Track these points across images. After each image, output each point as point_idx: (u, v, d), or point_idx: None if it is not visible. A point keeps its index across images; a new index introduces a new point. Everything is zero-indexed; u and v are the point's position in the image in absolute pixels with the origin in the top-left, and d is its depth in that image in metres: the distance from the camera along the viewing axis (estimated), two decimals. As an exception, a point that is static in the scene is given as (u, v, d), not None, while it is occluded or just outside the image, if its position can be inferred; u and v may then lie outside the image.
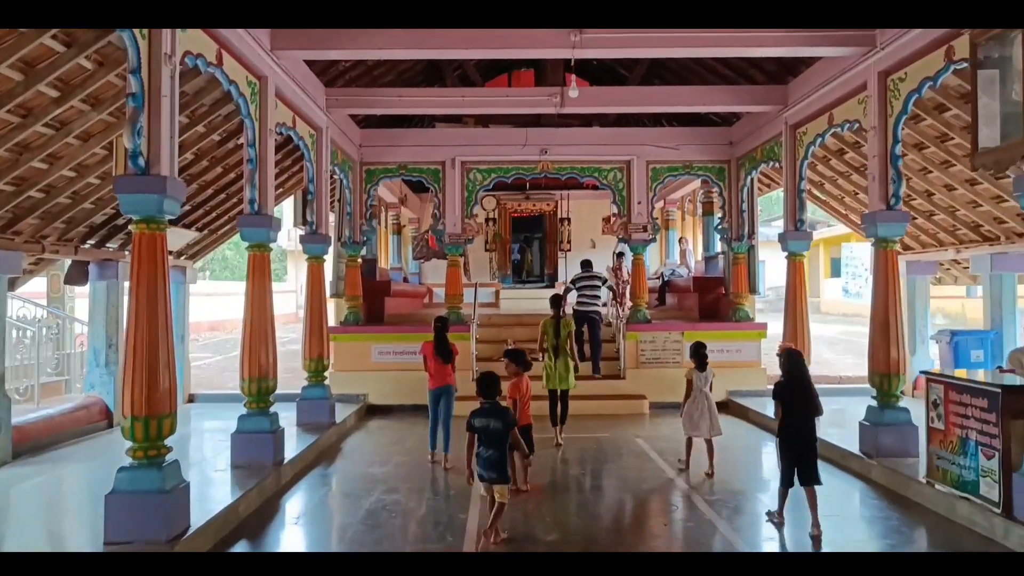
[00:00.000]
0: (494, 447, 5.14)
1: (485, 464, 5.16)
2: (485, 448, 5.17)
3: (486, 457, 5.16)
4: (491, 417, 5.22)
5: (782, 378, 5.71)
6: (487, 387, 5.46)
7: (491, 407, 5.31)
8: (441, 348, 7.92)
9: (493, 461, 5.13)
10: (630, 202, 11.86)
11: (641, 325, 11.74)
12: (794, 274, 9.64)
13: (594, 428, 10.02)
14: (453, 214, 11.79)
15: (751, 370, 11.70)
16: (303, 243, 9.39)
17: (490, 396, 5.40)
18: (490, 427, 5.18)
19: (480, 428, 5.23)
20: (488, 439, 5.17)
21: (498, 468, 5.14)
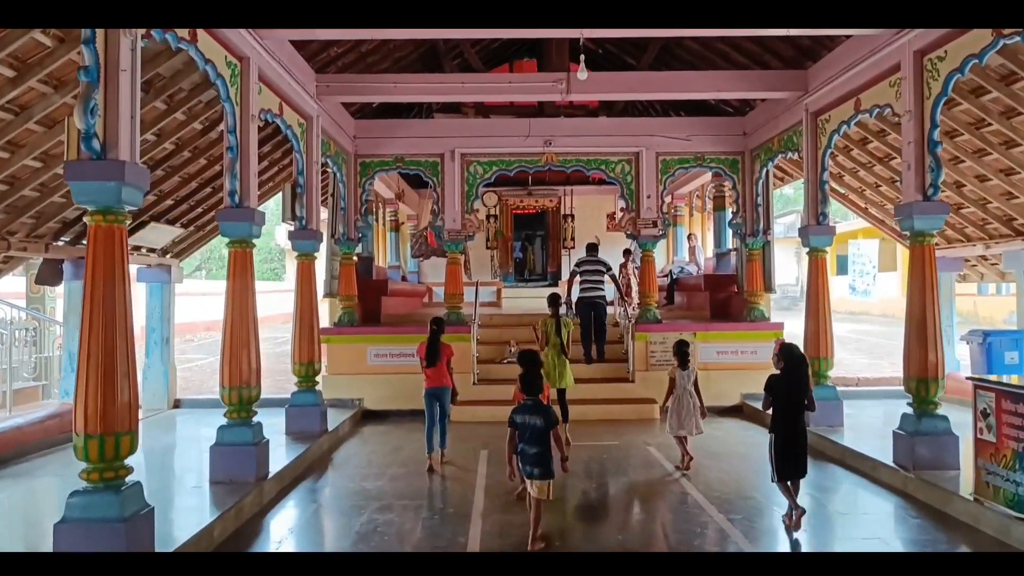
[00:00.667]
0: (537, 444, 5.15)
1: (530, 460, 5.16)
2: (528, 445, 5.18)
3: (531, 453, 5.15)
4: (533, 414, 5.21)
5: (779, 371, 5.73)
6: (530, 384, 5.50)
7: (533, 404, 5.32)
8: (429, 350, 7.88)
9: (537, 457, 5.14)
10: (639, 196, 11.25)
11: (651, 325, 11.15)
12: (816, 271, 9.03)
13: (601, 435, 9.44)
14: (452, 209, 11.19)
15: (767, 372, 11.04)
16: (292, 240, 8.79)
17: (533, 393, 5.43)
18: (532, 424, 5.16)
19: (521, 425, 5.22)
20: (530, 436, 5.16)
21: (542, 463, 5.13)
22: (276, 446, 7.99)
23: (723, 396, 10.99)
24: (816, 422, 8.75)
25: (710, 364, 11.05)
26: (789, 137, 9.76)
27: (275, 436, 8.49)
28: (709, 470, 7.57)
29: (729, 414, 10.80)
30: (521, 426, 5.21)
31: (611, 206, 19.12)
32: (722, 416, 10.72)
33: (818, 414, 8.66)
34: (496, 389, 10.81)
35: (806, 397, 5.60)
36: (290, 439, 8.46)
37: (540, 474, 5.10)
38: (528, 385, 5.52)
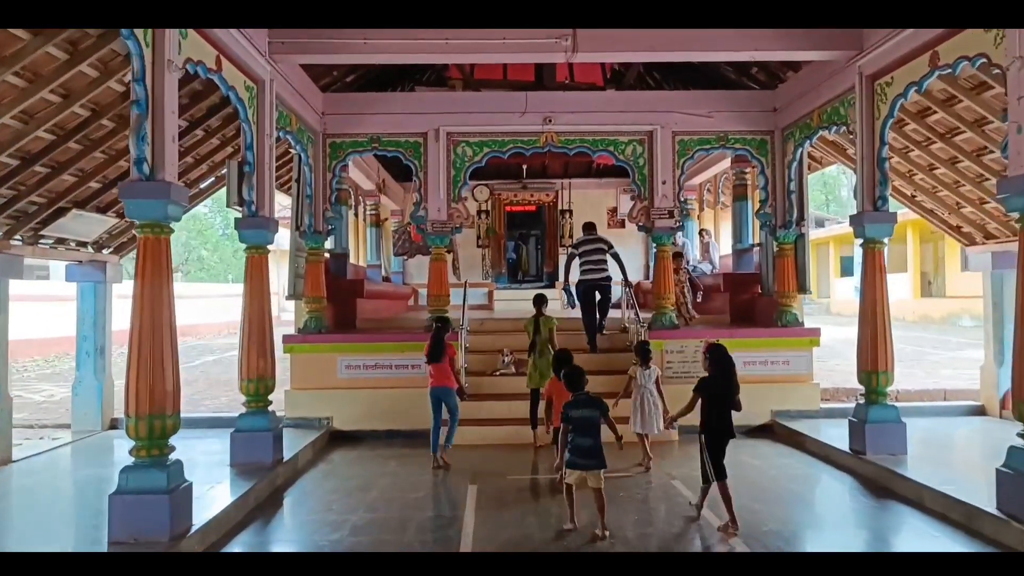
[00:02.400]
0: (591, 436, 5.43)
1: (584, 453, 5.38)
2: (583, 437, 5.42)
3: (586, 446, 5.40)
4: (587, 407, 5.50)
5: (708, 372, 5.82)
6: (575, 380, 5.75)
7: (586, 398, 5.59)
8: (432, 348, 7.82)
9: (586, 449, 5.40)
10: (652, 182, 9.72)
11: (667, 331, 9.62)
12: (872, 268, 7.51)
13: (611, 461, 7.88)
14: (437, 197, 9.63)
15: (802, 386, 9.58)
16: (238, 229, 7.22)
17: (580, 388, 5.67)
18: (588, 417, 5.45)
19: (578, 419, 5.46)
20: (584, 429, 5.42)
21: (597, 455, 5.40)
22: (213, 484, 6.43)
23: (750, 413, 9.33)
24: (875, 449, 7.26)
25: (735, 376, 9.51)
26: (834, 109, 8.24)
27: (215, 470, 6.94)
28: (759, 516, 6.01)
29: (758, 435, 9.28)
30: (578, 420, 5.46)
31: (612, 200, 17.64)
32: (751, 437, 9.18)
33: (878, 441, 7.21)
34: (489, 407, 9.29)
35: (735, 398, 5.70)
36: (234, 473, 6.89)
37: (596, 464, 5.37)
38: (573, 382, 5.74)
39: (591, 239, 10.11)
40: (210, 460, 7.41)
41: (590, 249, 9.97)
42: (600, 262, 9.94)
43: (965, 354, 16.64)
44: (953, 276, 28.71)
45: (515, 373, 9.85)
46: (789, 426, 9.06)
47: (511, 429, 8.89)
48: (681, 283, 10.47)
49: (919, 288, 29.69)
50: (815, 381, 9.75)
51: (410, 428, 9.24)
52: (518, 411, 9.05)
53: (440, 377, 7.80)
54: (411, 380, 9.41)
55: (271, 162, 7.41)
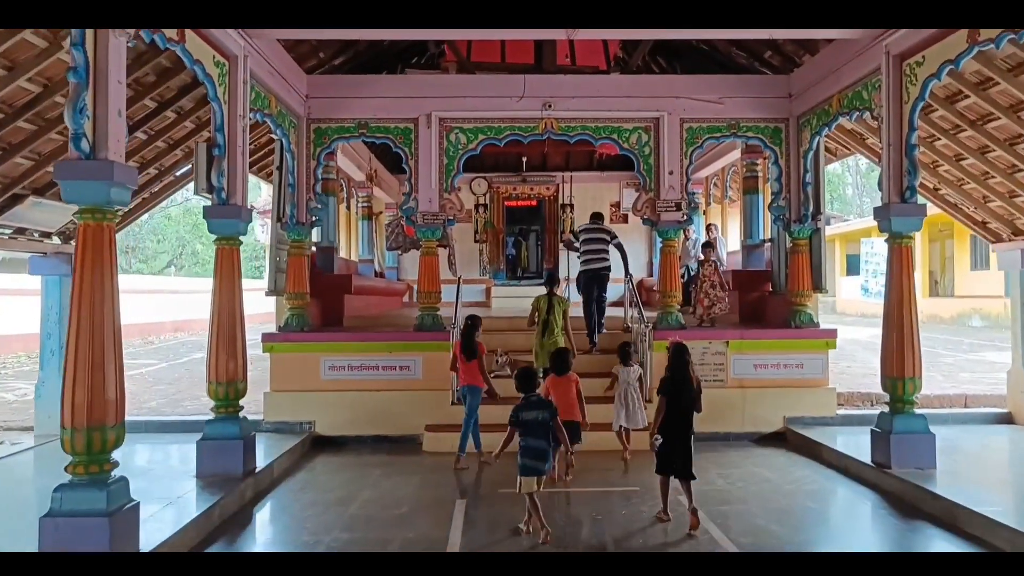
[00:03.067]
0: (541, 438, 5.34)
1: (533, 455, 5.29)
2: (536, 439, 5.32)
3: (541, 449, 5.31)
4: (538, 409, 5.42)
5: (667, 372, 5.81)
6: (526, 381, 5.69)
7: (537, 399, 5.55)
8: (465, 345, 7.65)
9: (542, 452, 5.33)
10: (658, 172, 9.09)
11: (673, 331, 8.96)
12: (899, 264, 6.88)
13: (614, 474, 7.34)
14: (428, 187, 9.01)
15: (816, 391, 8.96)
16: (207, 218, 6.61)
17: (531, 389, 5.62)
18: (538, 419, 5.34)
19: (529, 421, 5.35)
20: (536, 431, 5.33)
21: (548, 458, 5.38)
22: (172, 499, 5.83)
23: (761, 420, 8.87)
24: (901, 463, 6.64)
25: (746, 380, 8.94)
26: (856, 93, 7.61)
27: (179, 483, 6.35)
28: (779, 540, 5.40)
29: (769, 443, 8.68)
30: (529, 423, 5.34)
31: (615, 194, 17.01)
32: (761, 445, 8.61)
33: (905, 454, 6.60)
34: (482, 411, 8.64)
35: (695, 398, 5.70)
36: (200, 486, 6.27)
37: (549, 467, 5.41)
38: (524, 382, 5.69)
39: (593, 228, 9.74)
40: (176, 470, 6.84)
41: (591, 238, 9.61)
42: (600, 251, 9.55)
43: (981, 356, 16.02)
44: (963, 275, 28.12)
45: (510, 375, 9.23)
46: (803, 434, 8.45)
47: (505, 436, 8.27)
48: (708, 277, 9.81)
49: (927, 287, 29.09)
50: (831, 385, 9.12)
51: (398, 433, 8.69)
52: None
53: (468, 376, 7.62)
54: (399, 383, 8.84)
55: (244, 145, 6.80)
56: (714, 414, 8.71)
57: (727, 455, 8.12)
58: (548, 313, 8.27)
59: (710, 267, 9.99)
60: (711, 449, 8.33)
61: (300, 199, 8.96)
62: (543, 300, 8.40)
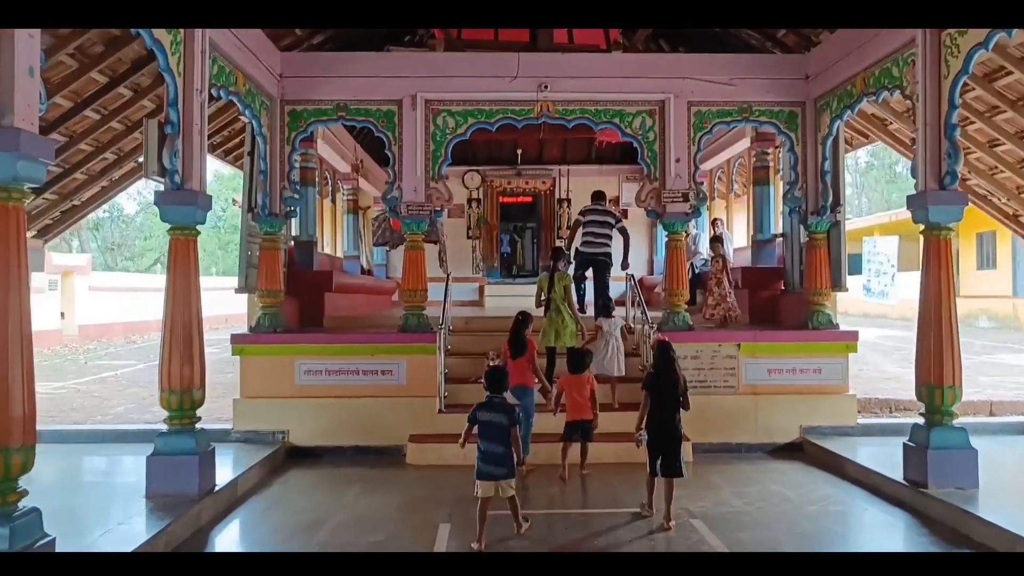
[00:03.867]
0: (498, 443, 5.11)
1: (489, 459, 5.09)
2: (488, 443, 5.12)
3: (497, 453, 5.09)
4: (496, 412, 5.19)
5: (651, 369, 5.93)
6: (495, 381, 5.44)
7: (500, 402, 5.30)
8: (513, 341, 7.20)
9: (498, 456, 5.10)
10: (664, 159, 8.36)
11: (680, 333, 8.27)
12: (937, 259, 6.16)
13: (615, 491, 6.62)
14: (413, 175, 8.27)
15: (836, 398, 8.24)
16: (158, 204, 5.86)
17: (497, 391, 5.38)
18: (495, 422, 5.13)
19: (485, 422, 5.17)
20: (492, 434, 5.12)
21: (505, 463, 5.11)
22: (113, 526, 5.08)
23: (776, 430, 8.14)
24: (939, 481, 5.92)
25: (759, 386, 8.22)
26: (885, 70, 6.88)
27: (126, 505, 5.62)
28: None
29: (785, 455, 7.95)
30: (484, 424, 5.16)
31: (615, 188, 16.21)
32: (776, 457, 7.89)
33: (944, 472, 5.89)
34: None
35: (681, 396, 5.66)
36: (149, 508, 5.53)
37: (508, 473, 5.10)
38: (493, 382, 5.46)
39: (599, 209, 9.41)
40: (125, 489, 6.06)
41: (596, 220, 9.29)
42: (603, 236, 9.22)
43: (997, 359, 15.34)
44: (968, 275, 27.44)
45: (503, 380, 8.50)
46: (822, 445, 7.73)
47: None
48: (718, 273, 9.08)
49: (932, 287, 28.35)
50: (851, 392, 8.40)
51: (379, 444, 7.97)
52: None
53: (518, 375, 6.95)
54: (381, 389, 8.12)
55: (202, 124, 6.03)
56: (725, 423, 8.04)
57: (740, 469, 7.40)
58: (549, 291, 8.06)
59: (718, 264, 9.27)
60: (722, 462, 7.64)
61: (273, 188, 8.20)
62: (545, 279, 8.25)
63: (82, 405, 10.79)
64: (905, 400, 10.08)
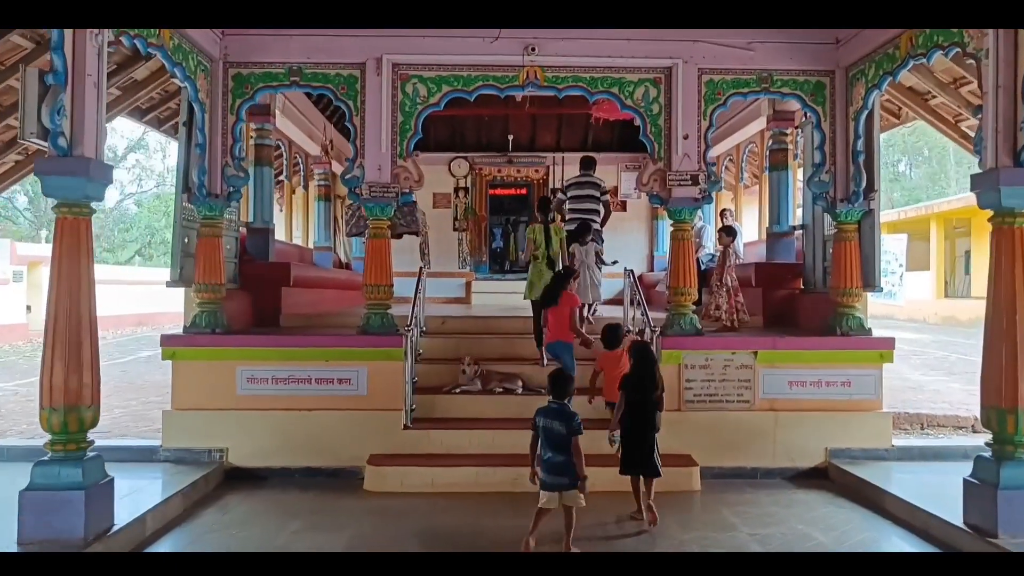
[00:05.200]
0: (557, 451, 4.80)
1: (549, 468, 4.82)
2: (547, 451, 4.84)
3: (549, 460, 4.82)
4: (556, 419, 4.85)
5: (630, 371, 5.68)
6: (558, 386, 5.06)
7: (558, 408, 4.93)
8: (549, 291, 7.00)
9: (557, 465, 4.80)
10: (670, 137, 7.18)
11: (686, 338, 7.11)
12: (1011, 253, 4.98)
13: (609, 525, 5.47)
14: (378, 151, 7.08)
15: (867, 416, 7.08)
16: (39, 174, 4.67)
17: (560, 396, 5.01)
18: (553, 429, 4.82)
19: (543, 428, 4.87)
20: (552, 442, 4.82)
21: (566, 472, 4.78)
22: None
23: (798, 452, 6.99)
24: (1013, 528, 4.74)
25: (778, 401, 7.06)
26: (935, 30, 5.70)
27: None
28: None
29: (809, 482, 6.79)
30: (544, 430, 4.87)
31: (613, 178, 15.05)
32: (798, 485, 6.73)
33: (1019, 517, 4.69)
34: (443, 438, 6.84)
35: (658, 397, 5.59)
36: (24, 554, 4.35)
37: (567, 484, 4.78)
38: (557, 387, 5.04)
39: (583, 180, 8.80)
40: (2, 528, 4.87)
41: (579, 195, 8.66)
42: (590, 212, 8.58)
43: None
44: (981, 275, 26.35)
45: (481, 391, 7.36)
46: (853, 472, 6.57)
47: (478, 472, 6.43)
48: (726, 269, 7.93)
49: (943, 287, 27.30)
50: (885, 409, 7.24)
51: (333, 465, 6.82)
52: (491, 444, 6.66)
53: (556, 330, 6.83)
54: (337, 400, 6.95)
55: (99, 75, 4.82)
56: (739, 443, 6.88)
57: (757, 501, 6.24)
58: (547, 247, 7.96)
59: (727, 257, 8.10)
60: (735, 491, 6.49)
61: (213, 164, 7.01)
62: (539, 230, 8.06)
63: (11, 412, 9.61)
64: (939, 415, 8.95)
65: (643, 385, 5.56)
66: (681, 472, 6.49)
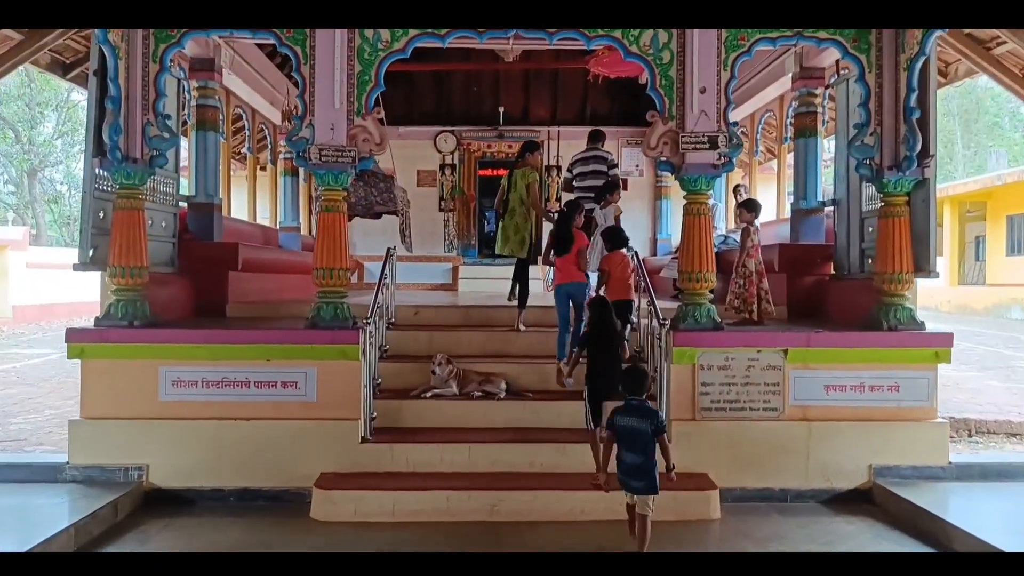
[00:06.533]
0: (639, 452, 4.46)
1: (628, 472, 4.50)
2: (628, 453, 4.49)
3: (629, 464, 4.49)
4: (636, 417, 4.50)
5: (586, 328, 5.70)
6: (634, 382, 4.68)
7: (638, 405, 4.58)
8: (559, 235, 6.52)
9: (636, 468, 4.46)
10: (683, 90, 5.95)
11: (704, 333, 5.90)
12: None
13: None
14: (330, 107, 5.86)
15: (918, 427, 5.91)
16: None
17: (637, 392, 4.64)
18: (638, 428, 4.47)
19: (624, 428, 4.51)
20: (633, 443, 4.48)
21: (645, 476, 4.43)
22: None
23: (835, 471, 5.83)
24: None
25: (812, 409, 5.89)
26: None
27: None
28: None
29: (848, 507, 5.65)
30: (623, 430, 4.52)
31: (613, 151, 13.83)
32: (836, 511, 5.61)
33: None
34: (409, 453, 5.70)
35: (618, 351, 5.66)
36: None
37: (644, 488, 4.44)
38: (632, 383, 4.66)
39: (590, 155, 8.21)
40: None
41: (586, 171, 8.04)
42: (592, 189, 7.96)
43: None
44: (997, 261, 25.13)
45: (456, 395, 6.19)
46: (904, 496, 5.41)
47: (449, 498, 5.28)
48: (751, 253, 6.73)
49: (956, 275, 26.13)
50: (940, 418, 6.06)
51: (277, 486, 5.67)
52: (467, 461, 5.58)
53: (568, 272, 6.51)
54: (281, 407, 5.80)
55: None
56: (765, 460, 5.72)
57: (789, 535, 5.11)
58: (509, 191, 7.52)
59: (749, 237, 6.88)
60: (760, 517, 5.41)
61: (131, 123, 5.79)
62: (506, 179, 7.69)
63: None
64: (988, 420, 7.80)
65: (604, 342, 5.52)
66: (696, 497, 5.35)
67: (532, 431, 5.98)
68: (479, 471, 5.57)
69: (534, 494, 5.31)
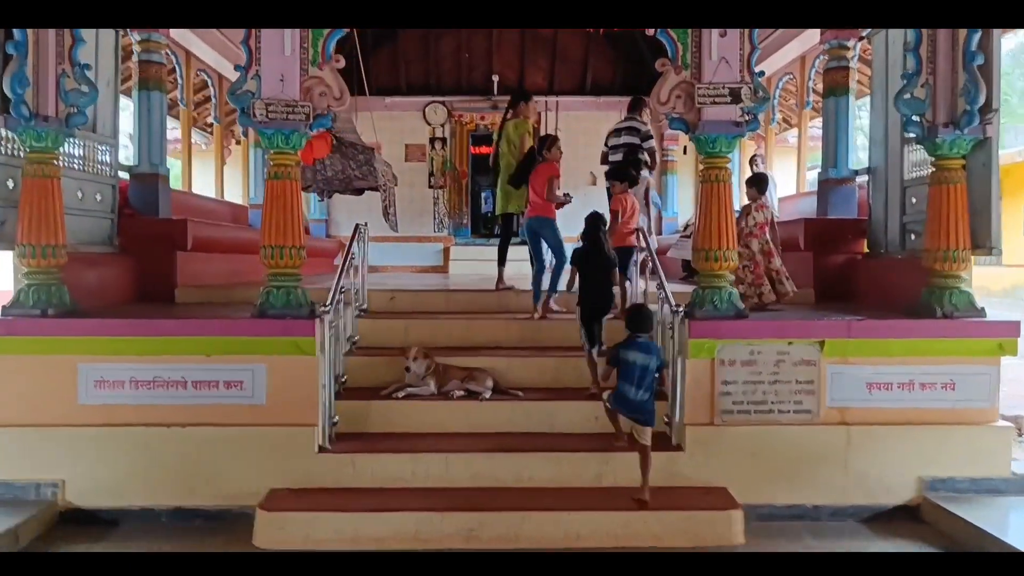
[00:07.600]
0: (644, 388, 4.48)
1: (632, 407, 4.52)
2: (632, 388, 4.48)
3: (634, 399, 4.49)
4: (646, 352, 4.51)
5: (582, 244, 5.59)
6: (643, 320, 4.69)
7: (644, 342, 4.59)
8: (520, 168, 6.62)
9: (636, 403, 4.50)
10: (699, 33, 5.00)
11: (725, 322, 4.98)
12: None
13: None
14: (280, 54, 4.93)
15: (977, 431, 5.02)
16: None
17: (644, 329, 4.68)
18: (643, 365, 4.47)
19: (630, 363, 4.48)
20: (641, 379, 4.47)
21: (643, 411, 4.50)
22: None
23: (879, 483, 4.94)
24: None
25: (851, 410, 4.99)
26: None
27: None
28: None
29: (891, 527, 4.78)
30: (631, 365, 4.48)
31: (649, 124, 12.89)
32: (879, 532, 4.75)
33: None
34: (375, 464, 4.81)
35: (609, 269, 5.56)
36: None
37: (643, 420, 4.49)
38: (638, 321, 4.65)
39: (621, 127, 7.44)
40: None
41: (616, 144, 7.31)
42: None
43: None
44: (1013, 240, 24.14)
45: (435, 395, 5.30)
46: (958, 513, 4.55)
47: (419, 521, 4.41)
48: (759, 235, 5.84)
49: (971, 254, 25.15)
50: (1001, 422, 5.15)
51: (217, 505, 4.78)
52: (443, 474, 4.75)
53: (536, 206, 6.38)
54: (223, 411, 4.89)
55: None
56: (797, 471, 4.85)
57: (823, 561, 4.22)
58: (500, 143, 7.09)
59: (761, 214, 5.95)
60: (790, 539, 4.58)
61: (41, 74, 4.86)
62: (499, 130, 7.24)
63: None
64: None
65: (594, 259, 5.48)
66: (715, 519, 4.47)
67: (521, 437, 5.09)
68: (457, 486, 4.70)
69: (522, 516, 4.42)
